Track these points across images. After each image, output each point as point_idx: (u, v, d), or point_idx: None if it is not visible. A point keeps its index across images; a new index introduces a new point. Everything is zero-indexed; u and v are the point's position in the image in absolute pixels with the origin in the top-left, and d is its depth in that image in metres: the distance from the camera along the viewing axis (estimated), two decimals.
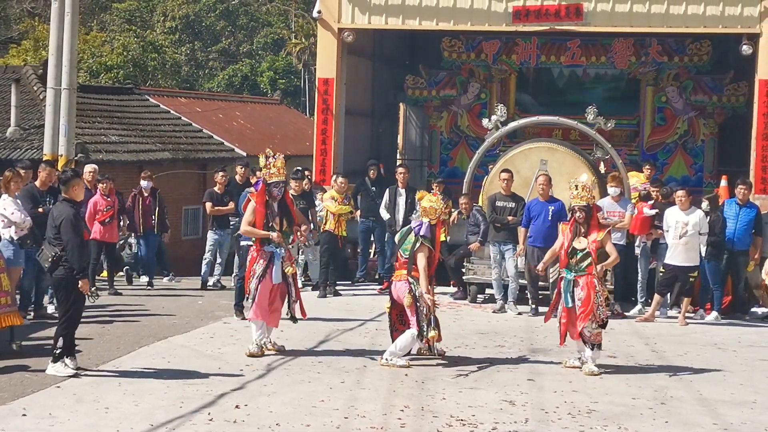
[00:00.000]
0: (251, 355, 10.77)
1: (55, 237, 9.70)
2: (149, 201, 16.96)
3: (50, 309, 12.79)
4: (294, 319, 11.22)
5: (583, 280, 10.69)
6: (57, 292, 10.14)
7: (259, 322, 10.98)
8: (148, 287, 16.57)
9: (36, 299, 12.93)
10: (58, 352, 9.65)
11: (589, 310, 10.57)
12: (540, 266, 11.99)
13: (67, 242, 9.62)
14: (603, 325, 10.72)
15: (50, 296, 12.87)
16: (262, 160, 11.16)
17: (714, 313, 14.57)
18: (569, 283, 10.78)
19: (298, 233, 11.37)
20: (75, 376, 9.56)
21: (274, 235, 10.91)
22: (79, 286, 9.61)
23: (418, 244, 10.79)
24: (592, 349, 10.66)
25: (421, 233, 10.81)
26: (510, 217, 14.80)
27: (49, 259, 9.71)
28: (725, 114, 21.36)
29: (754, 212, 14.99)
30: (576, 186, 10.99)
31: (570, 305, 10.76)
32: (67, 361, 9.64)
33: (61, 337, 9.66)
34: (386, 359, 10.56)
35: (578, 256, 10.77)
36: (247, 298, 11.30)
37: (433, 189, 16.02)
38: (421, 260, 10.74)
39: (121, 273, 17.30)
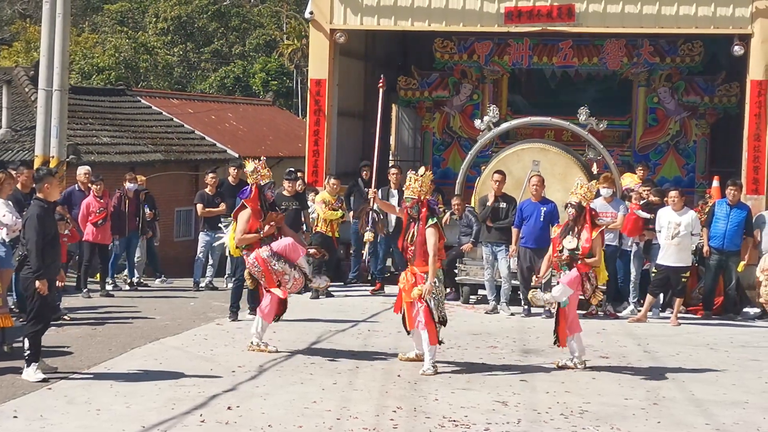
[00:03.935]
0: (254, 349, 10.89)
1: (24, 236, 9.65)
2: (134, 203, 16.80)
3: None
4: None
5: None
6: (25, 292, 9.95)
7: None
8: (131, 288, 16.52)
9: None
10: (27, 354, 9.48)
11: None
12: (536, 278, 11.78)
13: (27, 241, 9.49)
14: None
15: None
16: (250, 166, 11.11)
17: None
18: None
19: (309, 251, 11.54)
20: (44, 380, 9.37)
21: (266, 229, 10.95)
22: (37, 286, 9.45)
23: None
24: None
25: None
26: (490, 202, 14.75)
27: (16, 259, 9.67)
28: (717, 114, 21.38)
29: (745, 213, 15.04)
30: (578, 185, 11.04)
31: (565, 306, 10.78)
32: (33, 368, 9.44)
33: (26, 339, 9.50)
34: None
35: (566, 254, 10.78)
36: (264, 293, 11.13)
37: None
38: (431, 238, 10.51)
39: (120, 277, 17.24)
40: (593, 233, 10.81)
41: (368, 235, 14.13)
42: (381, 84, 12.71)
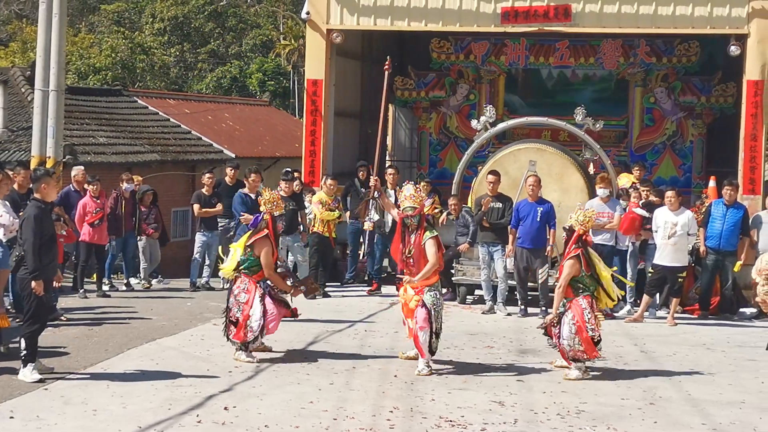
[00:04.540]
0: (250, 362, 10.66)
1: (21, 237, 9.63)
2: (130, 203, 16.76)
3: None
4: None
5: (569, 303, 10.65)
6: (22, 292, 9.93)
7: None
8: (128, 289, 16.49)
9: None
10: (23, 355, 9.48)
11: (585, 336, 10.46)
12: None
13: (24, 242, 9.48)
14: (595, 342, 10.50)
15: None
16: (267, 195, 10.97)
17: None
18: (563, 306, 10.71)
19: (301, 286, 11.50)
20: (40, 381, 9.38)
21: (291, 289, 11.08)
22: (33, 286, 9.43)
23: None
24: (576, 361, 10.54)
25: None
26: (485, 201, 14.75)
27: (13, 260, 9.65)
28: (713, 115, 21.40)
29: (741, 213, 15.05)
30: (576, 208, 10.99)
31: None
32: (29, 369, 9.44)
33: (23, 339, 9.50)
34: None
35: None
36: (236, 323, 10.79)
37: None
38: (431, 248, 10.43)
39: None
40: (565, 260, 10.67)
41: (368, 225, 14.03)
42: (387, 66, 12.55)
